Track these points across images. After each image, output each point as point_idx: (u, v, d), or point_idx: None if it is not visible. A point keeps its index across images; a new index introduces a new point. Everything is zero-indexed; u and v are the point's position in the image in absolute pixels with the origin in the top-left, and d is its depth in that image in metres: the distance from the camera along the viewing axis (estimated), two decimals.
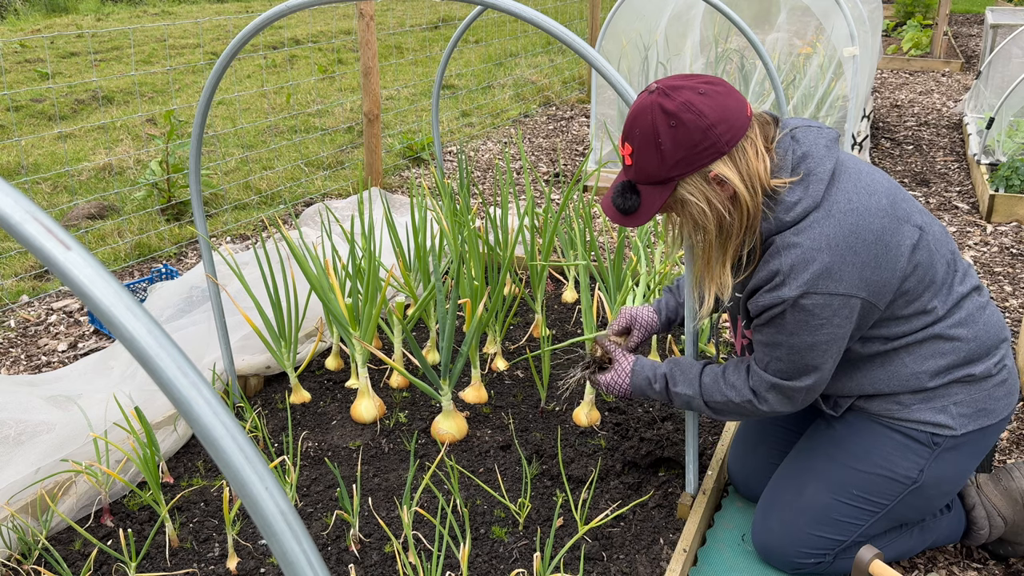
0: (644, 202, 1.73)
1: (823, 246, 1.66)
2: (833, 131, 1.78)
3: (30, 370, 3.18)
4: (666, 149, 1.65)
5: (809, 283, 1.67)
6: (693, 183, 1.68)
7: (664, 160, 1.66)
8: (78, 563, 2.08)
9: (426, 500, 2.29)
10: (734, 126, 1.65)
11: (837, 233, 1.66)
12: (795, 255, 1.67)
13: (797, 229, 1.69)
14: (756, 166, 1.67)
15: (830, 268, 1.66)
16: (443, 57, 3.46)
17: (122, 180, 5.15)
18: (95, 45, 9.44)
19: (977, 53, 9.68)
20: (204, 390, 0.69)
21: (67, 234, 0.70)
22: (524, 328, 3.30)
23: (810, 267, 1.66)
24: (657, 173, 1.69)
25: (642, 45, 5.38)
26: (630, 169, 1.74)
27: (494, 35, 9.94)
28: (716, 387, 1.93)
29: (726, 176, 1.66)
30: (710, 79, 1.68)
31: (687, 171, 1.66)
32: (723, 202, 1.69)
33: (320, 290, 2.61)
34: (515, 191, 3.37)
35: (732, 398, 1.90)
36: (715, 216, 1.71)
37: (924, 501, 1.93)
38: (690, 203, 1.70)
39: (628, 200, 1.75)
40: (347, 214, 4.39)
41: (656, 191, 1.71)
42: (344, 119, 6.60)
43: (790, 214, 1.69)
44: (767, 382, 1.84)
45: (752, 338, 1.87)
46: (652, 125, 1.65)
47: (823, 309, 1.69)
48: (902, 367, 1.83)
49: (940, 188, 5.10)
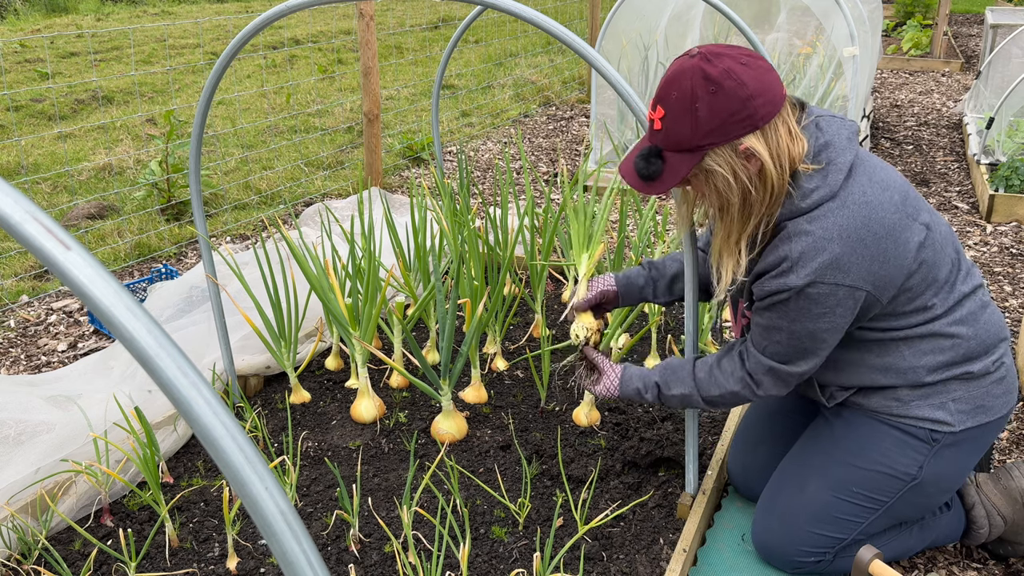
0: (668, 169, 1.69)
1: (835, 236, 1.65)
2: (854, 124, 1.78)
3: (30, 370, 3.18)
4: (702, 116, 1.62)
5: (817, 272, 1.66)
6: (722, 154, 1.65)
7: (698, 127, 1.63)
8: (78, 563, 2.08)
9: (426, 500, 2.29)
10: (771, 101, 1.63)
11: (849, 225, 1.66)
12: (806, 243, 1.67)
13: (810, 217, 1.68)
14: (788, 145, 1.67)
15: (839, 259, 1.66)
16: (443, 57, 3.46)
17: (122, 180, 5.15)
18: (95, 45, 9.44)
19: (977, 53, 9.68)
20: (204, 390, 0.69)
21: (67, 234, 0.70)
22: (524, 328, 3.30)
23: (819, 256, 1.66)
24: (688, 140, 1.65)
25: (642, 45, 5.38)
26: (658, 134, 1.69)
27: (494, 35, 9.94)
28: (711, 379, 1.94)
29: (756, 150, 1.64)
30: (751, 52, 1.67)
31: (719, 141, 1.64)
32: (750, 176, 1.67)
33: (320, 290, 2.61)
34: (515, 191, 3.37)
35: (729, 387, 1.90)
36: (740, 190, 1.68)
37: (924, 498, 1.93)
38: (716, 174, 1.68)
39: (652, 166, 1.70)
40: (347, 214, 4.39)
41: (683, 159, 1.68)
42: (344, 119, 6.60)
43: (806, 201, 1.69)
44: (764, 365, 1.84)
45: (751, 320, 1.87)
46: (691, 89, 1.62)
47: (827, 299, 1.69)
48: (900, 359, 1.83)
49: (940, 188, 5.10)
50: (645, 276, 2.20)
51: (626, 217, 3.12)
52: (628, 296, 2.22)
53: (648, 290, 2.21)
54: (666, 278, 2.19)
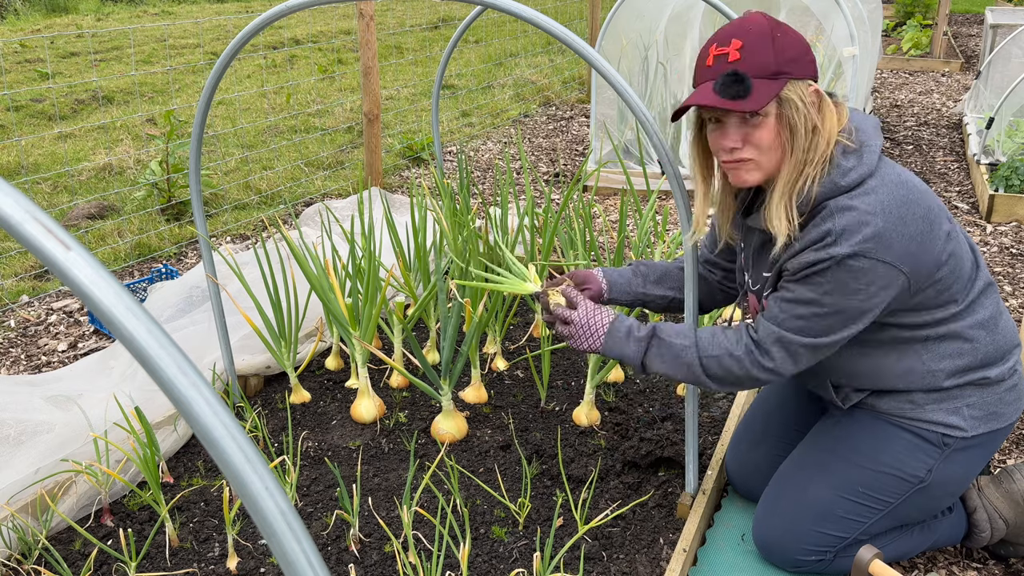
0: (756, 90, 1.66)
1: (878, 211, 1.65)
2: (876, 119, 1.81)
3: (30, 370, 3.18)
4: (781, 45, 1.65)
5: (860, 244, 1.64)
6: (798, 88, 1.67)
7: (780, 53, 1.65)
8: (78, 563, 2.08)
9: (426, 500, 2.29)
10: (815, 63, 1.71)
11: (891, 201, 1.66)
12: (850, 217, 1.66)
13: (852, 194, 1.68)
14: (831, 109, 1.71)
15: (882, 234, 1.64)
16: (443, 57, 3.46)
17: (122, 180, 5.15)
18: (95, 45, 9.44)
19: (977, 53, 9.67)
20: (204, 390, 0.69)
21: (67, 234, 0.70)
22: (524, 328, 3.30)
23: (863, 229, 1.65)
24: (771, 65, 1.65)
25: (642, 45, 5.38)
26: (736, 64, 1.66)
27: (494, 35, 9.94)
28: (714, 340, 1.85)
29: (823, 95, 1.69)
30: None
31: (797, 72, 1.66)
32: (816, 120, 1.68)
33: (320, 290, 2.61)
34: (515, 191, 3.37)
35: (732, 350, 1.81)
36: (809, 128, 1.68)
37: (929, 501, 1.94)
38: (794, 104, 1.66)
39: (738, 86, 1.65)
40: (347, 214, 4.39)
41: (767, 84, 1.65)
42: (344, 119, 6.60)
43: (846, 179, 1.69)
44: (775, 335, 1.76)
45: (770, 298, 1.81)
46: (767, 25, 1.67)
47: (867, 274, 1.66)
48: (919, 363, 1.82)
49: (940, 188, 5.10)
50: (629, 273, 2.12)
51: (626, 217, 3.12)
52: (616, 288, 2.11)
53: (637, 283, 2.10)
54: (656, 272, 2.11)
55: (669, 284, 2.12)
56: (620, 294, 2.11)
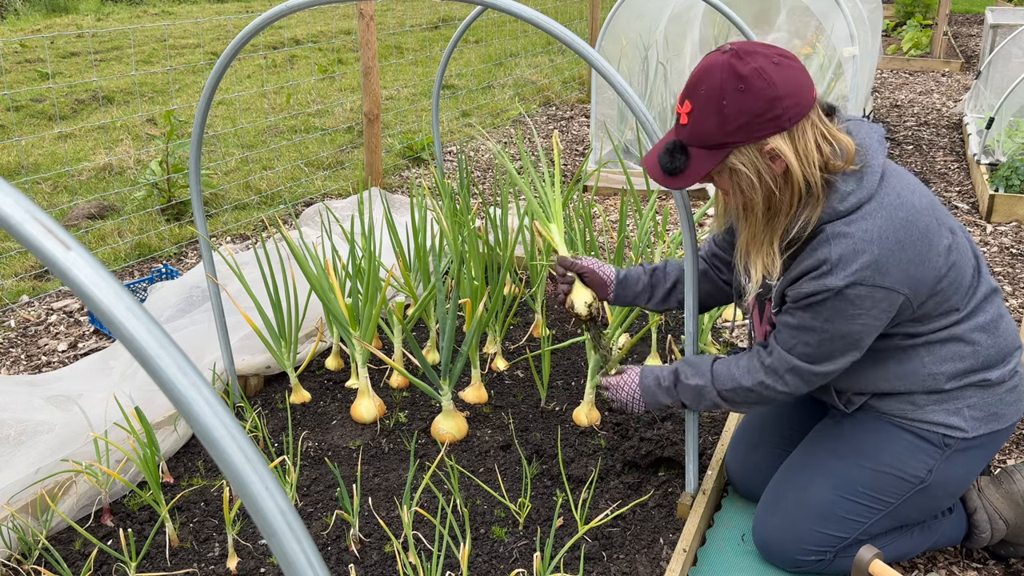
0: (692, 164, 1.68)
1: (874, 238, 1.65)
2: (881, 128, 1.79)
3: (30, 370, 3.18)
4: (728, 113, 1.61)
5: (857, 274, 1.65)
6: (746, 153, 1.65)
7: (724, 124, 1.63)
8: (78, 563, 2.08)
9: (426, 500, 2.29)
10: (800, 103, 1.62)
11: (888, 227, 1.66)
12: (845, 245, 1.66)
13: (848, 220, 1.68)
14: (817, 147, 1.65)
15: (879, 261, 1.65)
16: (443, 57, 3.46)
17: (122, 180, 5.15)
18: (95, 45, 9.44)
19: (977, 53, 9.67)
20: (204, 390, 0.69)
21: (67, 234, 0.70)
22: (524, 328, 3.30)
23: (859, 258, 1.65)
24: (713, 137, 1.65)
25: (642, 45, 5.38)
26: (683, 129, 1.69)
27: (494, 35, 9.94)
28: (728, 374, 1.92)
29: (782, 152, 1.63)
30: (785, 52, 1.67)
31: (744, 140, 1.63)
32: (774, 177, 1.66)
33: (320, 290, 2.61)
34: (515, 191, 3.37)
35: (744, 383, 1.89)
36: (764, 191, 1.68)
37: (929, 501, 1.94)
38: (740, 173, 1.67)
39: (676, 160, 1.69)
40: (347, 214, 4.39)
41: (707, 155, 1.67)
42: (344, 119, 6.60)
43: (844, 204, 1.68)
44: (788, 363, 1.82)
45: (779, 320, 1.85)
46: (719, 85, 1.61)
47: (865, 300, 1.68)
48: (920, 366, 1.83)
49: (940, 188, 5.10)
50: (644, 283, 2.17)
51: (626, 217, 3.12)
52: (622, 295, 2.18)
53: (644, 297, 2.18)
54: (669, 282, 2.15)
55: (677, 295, 2.17)
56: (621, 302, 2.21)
